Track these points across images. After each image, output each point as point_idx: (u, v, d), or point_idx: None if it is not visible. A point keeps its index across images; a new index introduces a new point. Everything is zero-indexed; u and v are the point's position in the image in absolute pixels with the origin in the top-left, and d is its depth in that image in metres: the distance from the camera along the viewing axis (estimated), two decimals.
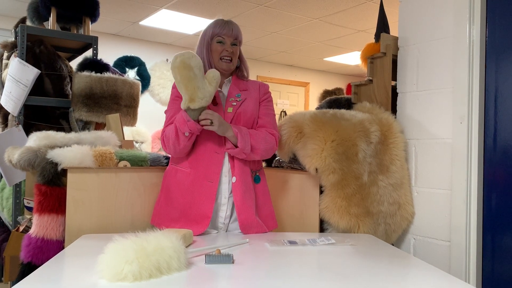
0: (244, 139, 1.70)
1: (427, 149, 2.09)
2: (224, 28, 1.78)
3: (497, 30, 1.89)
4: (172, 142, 1.70)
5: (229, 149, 1.72)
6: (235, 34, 1.79)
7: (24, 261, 1.72)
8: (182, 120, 1.64)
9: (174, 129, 1.68)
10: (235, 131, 1.69)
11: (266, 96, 1.89)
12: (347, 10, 4.56)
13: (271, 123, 1.85)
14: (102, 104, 2.54)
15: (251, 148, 1.72)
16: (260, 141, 1.75)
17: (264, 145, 1.76)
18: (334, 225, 1.90)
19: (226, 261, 1.28)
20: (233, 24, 1.81)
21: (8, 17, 4.88)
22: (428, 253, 2.06)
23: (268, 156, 1.84)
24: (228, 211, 1.78)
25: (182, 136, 1.67)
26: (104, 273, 1.10)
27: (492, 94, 1.90)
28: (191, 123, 1.63)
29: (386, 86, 2.25)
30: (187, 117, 1.63)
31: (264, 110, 1.86)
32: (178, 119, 1.67)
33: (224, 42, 1.78)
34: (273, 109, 1.91)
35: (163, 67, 6.09)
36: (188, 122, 1.63)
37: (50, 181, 1.74)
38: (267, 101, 1.89)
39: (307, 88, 7.73)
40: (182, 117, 1.65)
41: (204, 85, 1.62)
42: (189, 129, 1.64)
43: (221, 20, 1.82)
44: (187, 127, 1.64)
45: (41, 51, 2.66)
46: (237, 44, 1.81)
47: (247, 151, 1.71)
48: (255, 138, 1.74)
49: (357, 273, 1.21)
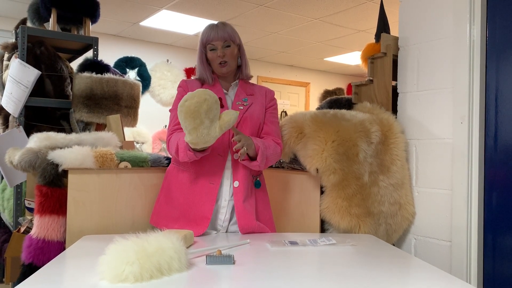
0: (263, 155, 1.70)
1: (427, 149, 2.09)
2: (210, 34, 1.76)
3: (498, 30, 1.89)
4: (174, 155, 1.71)
5: (245, 160, 1.70)
6: (224, 36, 1.76)
7: (25, 262, 1.72)
8: (183, 147, 1.62)
9: (175, 147, 1.67)
10: (257, 146, 1.69)
11: (272, 103, 1.89)
12: (347, 10, 4.56)
13: (276, 131, 1.86)
14: (102, 105, 2.54)
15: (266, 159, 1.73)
16: (272, 155, 1.76)
17: (274, 159, 1.79)
18: (335, 225, 1.90)
19: (227, 262, 1.28)
20: (221, 26, 1.78)
21: (8, 18, 4.89)
22: (429, 253, 2.06)
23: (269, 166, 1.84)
24: (227, 214, 1.78)
25: (183, 159, 1.65)
26: (105, 274, 1.10)
27: (493, 94, 1.90)
28: (190, 154, 1.61)
29: (387, 86, 2.25)
30: (188, 147, 1.60)
31: (270, 118, 1.86)
32: (180, 143, 1.64)
33: (215, 48, 1.76)
34: (278, 117, 1.92)
35: (163, 67, 6.10)
36: (188, 151, 1.61)
37: (51, 182, 1.74)
38: (273, 108, 1.89)
39: (307, 88, 7.73)
40: (183, 143, 1.61)
41: (210, 130, 1.53)
42: (188, 158, 1.63)
43: (209, 26, 1.80)
44: (187, 157, 1.63)
45: (41, 52, 2.66)
46: (230, 44, 1.77)
47: (263, 166, 1.72)
48: (270, 152, 1.75)
49: (358, 274, 1.21)
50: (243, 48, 1.86)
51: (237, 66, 1.85)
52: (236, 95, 1.82)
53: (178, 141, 1.66)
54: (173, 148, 1.69)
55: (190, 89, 1.77)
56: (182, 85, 1.82)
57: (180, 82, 1.84)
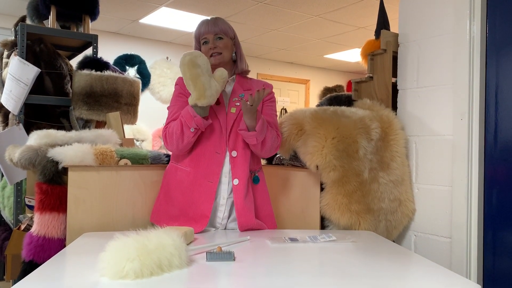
0: (263, 126, 1.69)
1: (427, 146, 2.09)
2: (201, 28, 1.79)
3: (498, 26, 1.89)
4: (176, 137, 1.70)
5: (242, 130, 1.70)
6: (214, 29, 1.77)
7: (25, 259, 1.72)
8: (188, 116, 1.65)
9: (179, 125, 1.68)
10: (258, 115, 1.69)
11: (270, 96, 1.87)
12: (347, 7, 4.55)
13: (274, 124, 1.85)
14: (102, 103, 2.54)
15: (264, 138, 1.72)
16: (271, 139, 1.75)
17: (271, 142, 1.76)
18: (335, 222, 1.90)
19: (227, 259, 1.28)
20: (213, 20, 1.80)
21: (7, 15, 4.88)
22: (429, 249, 2.06)
23: (268, 155, 1.83)
24: (226, 211, 1.78)
25: (188, 132, 1.67)
26: (105, 271, 1.10)
27: (493, 90, 1.90)
28: (197, 118, 1.65)
29: (387, 83, 2.25)
30: (194, 113, 1.65)
31: (267, 110, 1.85)
32: (184, 115, 1.68)
33: (208, 41, 1.78)
34: (275, 110, 1.91)
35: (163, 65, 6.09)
36: (195, 117, 1.64)
37: (51, 180, 1.74)
38: (271, 101, 1.88)
39: (307, 86, 7.72)
40: (188, 112, 1.66)
41: (211, 83, 1.65)
42: (195, 125, 1.65)
43: (201, 21, 1.82)
44: (194, 123, 1.65)
45: (41, 49, 2.65)
46: (223, 37, 1.78)
47: (260, 138, 1.70)
48: (270, 135, 1.75)
49: (358, 270, 1.21)
50: (238, 42, 1.86)
51: (233, 61, 1.85)
52: (233, 91, 1.82)
53: (181, 116, 1.68)
54: (177, 129, 1.69)
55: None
56: (179, 82, 1.82)
57: (177, 80, 1.83)
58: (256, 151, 1.78)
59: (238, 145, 1.76)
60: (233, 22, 4.96)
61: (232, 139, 1.76)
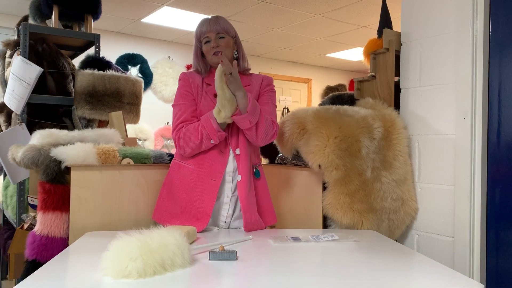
0: (254, 107, 1.67)
1: (430, 145, 2.09)
2: (203, 27, 1.78)
3: (501, 25, 1.88)
4: (192, 145, 1.71)
5: (236, 115, 1.66)
6: (216, 28, 1.76)
7: (28, 258, 1.72)
8: (211, 129, 1.67)
9: (198, 134, 1.69)
10: (249, 95, 1.68)
11: (268, 88, 1.86)
12: (349, 5, 4.54)
13: (269, 111, 1.81)
14: (104, 102, 2.54)
15: (257, 121, 1.69)
16: (264, 120, 1.72)
17: (265, 126, 1.72)
18: (338, 221, 1.90)
19: (229, 258, 1.28)
20: (214, 19, 1.79)
21: (10, 15, 4.89)
22: (432, 249, 2.06)
23: (264, 142, 1.78)
24: (230, 210, 1.78)
25: (207, 143, 1.70)
26: (108, 270, 1.10)
27: (496, 89, 1.89)
28: (221, 134, 1.69)
29: (389, 82, 2.24)
30: (219, 128, 1.68)
31: (264, 100, 1.83)
32: (206, 126, 1.68)
33: (209, 40, 1.77)
34: (274, 100, 1.88)
35: (165, 64, 6.10)
36: (219, 132, 1.68)
37: (53, 179, 1.75)
38: (269, 91, 1.86)
39: (309, 85, 7.72)
40: (211, 125, 1.67)
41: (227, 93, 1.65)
42: (218, 139, 1.69)
43: (202, 20, 1.81)
44: (217, 138, 1.68)
45: (43, 49, 2.66)
46: (224, 35, 1.77)
47: (254, 120, 1.68)
48: (263, 115, 1.72)
49: (360, 269, 1.21)
50: (239, 41, 1.86)
51: (235, 60, 1.84)
52: None
53: (201, 128, 1.69)
54: (195, 137, 1.69)
55: (190, 80, 1.79)
56: (182, 77, 1.82)
57: (180, 75, 1.83)
58: (252, 139, 1.74)
59: (240, 142, 1.76)
60: (235, 21, 4.97)
61: (235, 137, 1.76)
